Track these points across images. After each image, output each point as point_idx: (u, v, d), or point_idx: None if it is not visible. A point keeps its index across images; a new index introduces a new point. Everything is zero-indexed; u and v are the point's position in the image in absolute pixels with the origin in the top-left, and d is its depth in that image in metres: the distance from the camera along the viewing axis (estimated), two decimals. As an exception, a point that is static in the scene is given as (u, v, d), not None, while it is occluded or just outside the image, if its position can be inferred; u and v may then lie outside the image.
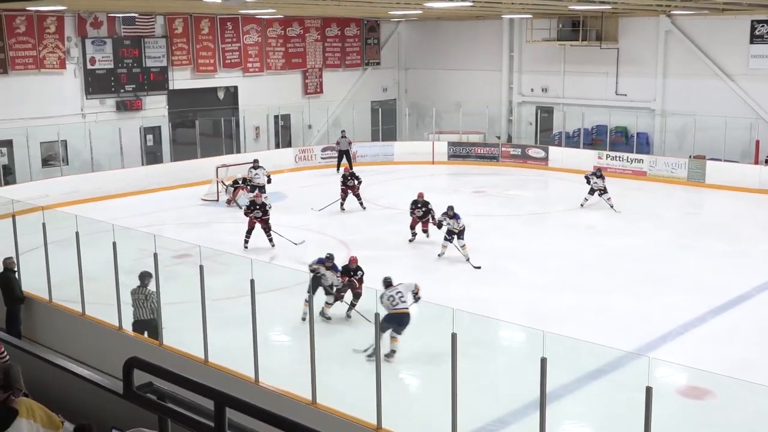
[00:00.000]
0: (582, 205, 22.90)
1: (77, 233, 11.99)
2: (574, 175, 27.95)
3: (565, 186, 27.00)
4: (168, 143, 27.78)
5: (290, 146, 30.88)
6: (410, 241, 19.14)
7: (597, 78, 30.30)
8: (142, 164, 26.60)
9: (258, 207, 18.77)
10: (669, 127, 28.53)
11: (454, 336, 8.17)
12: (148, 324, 11.85)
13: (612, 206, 22.38)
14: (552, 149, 29.84)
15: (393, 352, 11.92)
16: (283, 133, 31.20)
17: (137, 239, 13.72)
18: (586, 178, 23.03)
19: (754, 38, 26.56)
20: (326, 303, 13.71)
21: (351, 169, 28.25)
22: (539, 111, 32.20)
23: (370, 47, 34.77)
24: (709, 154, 26.70)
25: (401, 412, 10.02)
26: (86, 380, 5.56)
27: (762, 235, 19.97)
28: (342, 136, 29.11)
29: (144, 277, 11.93)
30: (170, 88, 28.04)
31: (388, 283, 12.63)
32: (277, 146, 30.44)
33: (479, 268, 17.22)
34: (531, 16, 30.35)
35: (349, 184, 22.42)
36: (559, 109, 31.51)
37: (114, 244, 11.54)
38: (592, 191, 22.75)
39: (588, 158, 28.35)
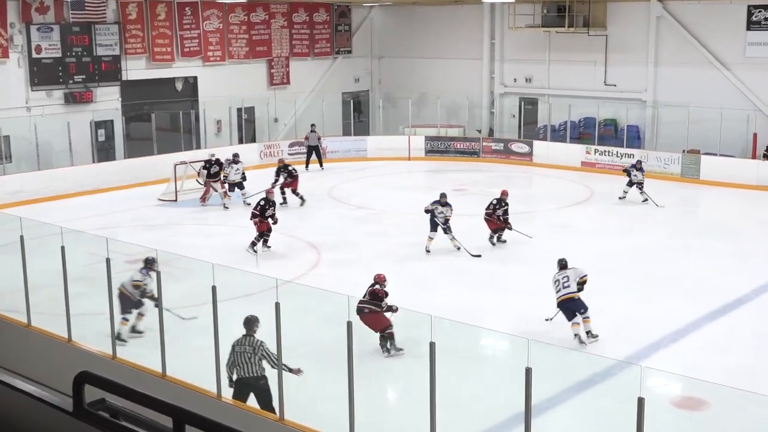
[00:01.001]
0: (621, 198, 23.44)
1: (22, 237, 11.86)
2: (560, 171, 28.16)
3: (551, 183, 27.16)
4: (121, 138, 27.57)
5: (255, 141, 30.77)
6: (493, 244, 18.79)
7: (584, 67, 30.49)
8: (93, 161, 26.39)
9: (273, 204, 18.59)
10: (661, 119, 28.78)
11: (432, 345, 8.17)
12: (256, 384, 10.09)
13: (647, 200, 22.85)
14: (537, 144, 29.99)
15: (593, 335, 12.96)
16: (246, 128, 31.09)
17: (88, 243, 13.62)
18: (626, 171, 23.62)
19: (751, 25, 26.85)
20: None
21: (321, 166, 28.35)
22: (523, 102, 32.35)
23: (340, 34, 34.74)
24: (704, 148, 26.97)
25: (376, 427, 10.02)
26: (32, 397, 5.50)
27: (761, 234, 20.21)
28: (311, 131, 29.06)
29: (251, 323, 10.25)
30: (123, 78, 27.82)
31: (563, 265, 13.75)
32: (241, 141, 30.33)
33: (479, 256, 17.74)
34: (514, 0, 30.51)
35: (284, 180, 22.49)
36: (544, 100, 31.67)
37: (63, 248, 11.43)
38: (631, 183, 23.27)
39: (575, 153, 28.56)
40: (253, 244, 18.38)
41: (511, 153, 30.29)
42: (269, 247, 18.62)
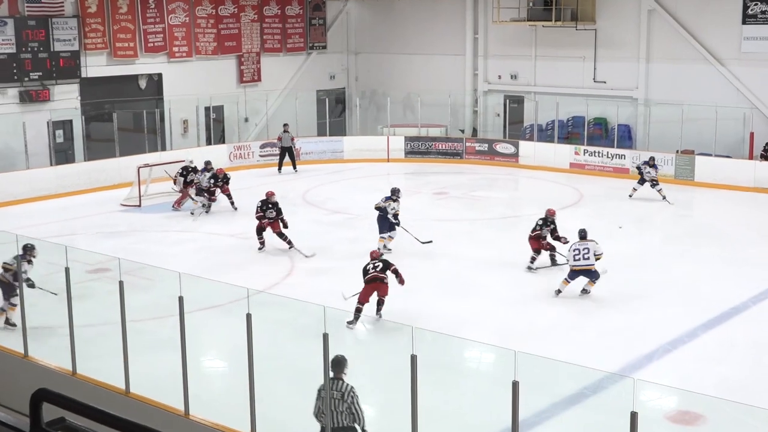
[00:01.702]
0: (630, 196, 23.99)
1: (-26, 245, 11.78)
2: (547, 173, 28.27)
3: (539, 185, 27.27)
4: (81, 140, 27.40)
5: (224, 143, 30.70)
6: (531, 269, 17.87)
7: (573, 63, 30.66)
8: (51, 164, 26.21)
9: (272, 206, 18.89)
10: (653, 118, 28.96)
11: (413, 357, 8.18)
12: None
13: (665, 197, 23.41)
14: (522, 144, 30.11)
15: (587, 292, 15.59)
16: (215, 128, 31.00)
17: (46, 251, 13.52)
18: (638, 168, 24.27)
19: (747, 18, 27.09)
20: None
21: (294, 168, 28.33)
22: (508, 101, 32.47)
23: (314, 29, 34.74)
24: (699, 148, 27.17)
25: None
26: (-14, 417, 5.45)
27: (758, 239, 20.36)
28: (284, 131, 29.04)
29: (340, 365, 9.27)
30: (83, 76, 27.66)
31: (582, 235, 15.76)
32: (209, 142, 30.24)
33: (430, 242, 18.67)
34: (498, -7, 30.68)
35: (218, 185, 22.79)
36: (530, 98, 31.80)
37: (18, 257, 11.34)
38: (642, 181, 23.86)
39: (563, 154, 28.71)
40: (260, 241, 19.05)
41: (495, 154, 30.38)
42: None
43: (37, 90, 26.56)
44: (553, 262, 17.95)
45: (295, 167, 28.52)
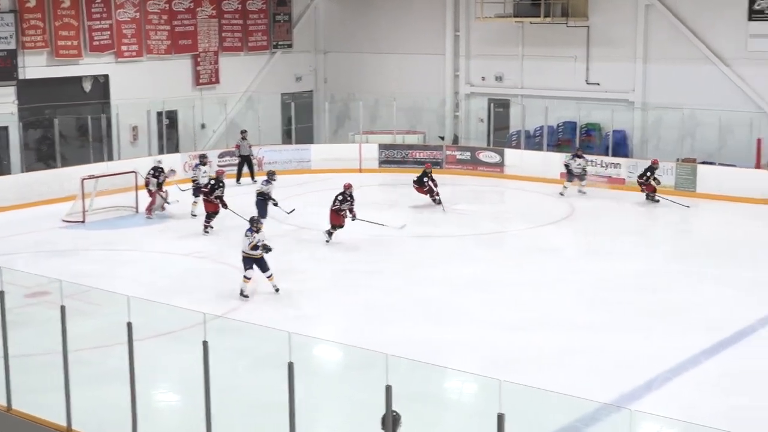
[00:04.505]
0: (561, 194, 24.80)
1: None
2: (535, 184, 28.39)
3: (526, 198, 27.36)
4: (18, 149, 27.26)
5: (178, 151, 30.60)
6: None
7: (563, 63, 30.84)
8: (-15, 176, 26.11)
9: (222, 185, 22.27)
10: (652, 123, 29.20)
11: (388, 388, 8.18)
12: None
13: (584, 193, 25.14)
14: (508, 152, 30.23)
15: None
16: (168, 135, 30.90)
17: (-22, 273, 13.40)
18: (566, 165, 25.57)
19: (754, 14, 27.36)
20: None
21: (253, 179, 28.31)
22: (492, 105, 32.62)
23: (279, 26, 34.78)
24: (701, 156, 27.38)
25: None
26: None
27: (765, 257, 20.52)
28: (242, 138, 29.02)
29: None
30: (20, 77, 27.57)
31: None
32: (161, 151, 30.11)
33: (293, 210, 22.47)
34: (480, -14, 30.87)
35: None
36: (516, 102, 31.95)
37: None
38: (571, 175, 25.18)
39: (553, 163, 28.79)
40: (205, 227, 22.20)
41: (479, 163, 30.49)
42: (212, 227, 22.28)
43: (-32, 93, 26.43)
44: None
45: (254, 178, 28.48)
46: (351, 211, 21.09)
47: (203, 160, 25.40)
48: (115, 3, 29.70)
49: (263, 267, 17.35)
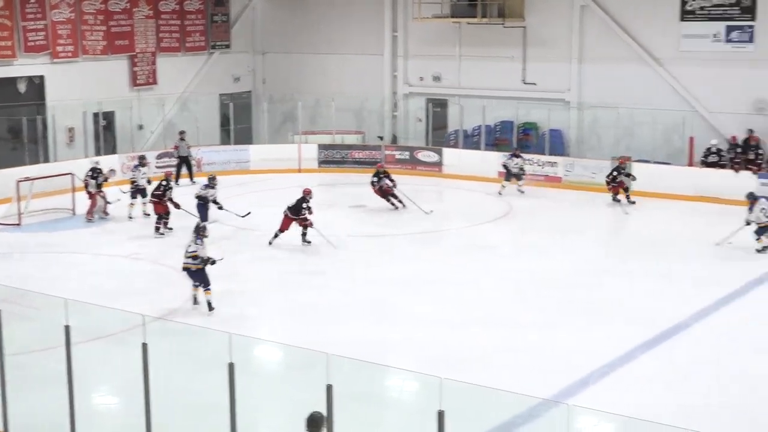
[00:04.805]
0: (500, 193, 25.67)
1: None
2: (473, 182, 28.56)
3: (464, 197, 27.52)
4: (-49, 151, 26.84)
5: (115, 152, 30.30)
6: None
7: (500, 63, 31.06)
8: None
9: (170, 186, 22.46)
10: (587, 122, 29.52)
11: (329, 388, 8.19)
12: None
13: (522, 192, 25.77)
14: (447, 151, 30.38)
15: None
16: (105, 136, 30.61)
17: None
18: (505, 165, 26.33)
19: (686, 15, 27.81)
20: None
21: (192, 180, 28.15)
22: (430, 105, 32.74)
23: (217, 26, 34.59)
24: (636, 154, 27.72)
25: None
26: None
27: (699, 252, 20.86)
28: (180, 139, 28.84)
29: (316, 424, 8.67)
30: (-47, 78, 27.16)
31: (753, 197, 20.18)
32: (98, 152, 29.80)
33: (249, 213, 22.61)
34: (418, -14, 30.96)
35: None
36: (454, 101, 32.12)
37: None
38: (509, 174, 25.98)
39: (491, 162, 28.98)
40: (157, 228, 22.17)
41: (417, 163, 30.60)
42: (170, 229, 22.18)
43: None
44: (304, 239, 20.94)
45: (192, 179, 28.33)
46: (309, 213, 20.82)
47: (142, 161, 25.16)
48: (50, 3, 29.32)
49: (203, 280, 16.47)
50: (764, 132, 26.48)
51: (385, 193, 24.71)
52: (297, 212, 20.69)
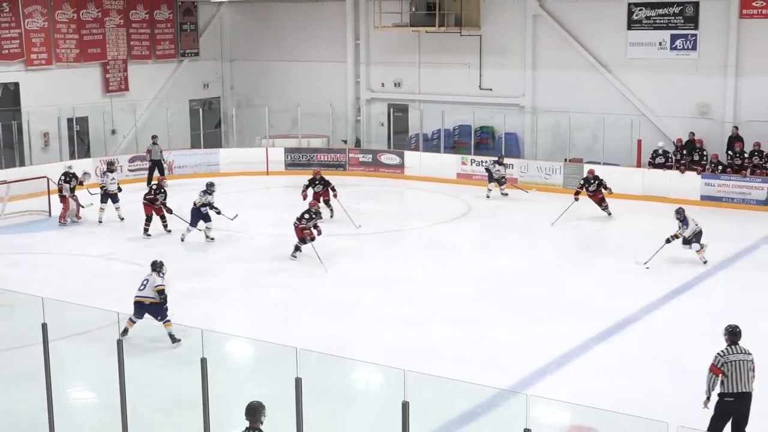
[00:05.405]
0: (488, 197, 26.16)
1: None
2: (433, 184, 28.64)
3: (424, 197, 27.57)
4: (-72, 156, 26.48)
5: (89, 156, 30.08)
6: None
7: (458, 70, 31.17)
8: None
9: (163, 190, 22.00)
10: (541, 126, 29.67)
11: (298, 381, 8.16)
12: None
13: (506, 194, 26.21)
14: (408, 154, 30.42)
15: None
16: (79, 141, 30.36)
17: None
18: (487, 169, 26.64)
19: (632, 24, 28.08)
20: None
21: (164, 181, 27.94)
22: (392, 109, 32.75)
23: (186, 34, 34.39)
24: (587, 156, 27.94)
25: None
26: None
27: (647, 248, 21.02)
28: (153, 143, 28.64)
29: (256, 412, 8.80)
30: (-70, 85, 26.78)
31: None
32: (73, 156, 29.57)
33: (236, 216, 21.94)
34: (379, -3, 30.97)
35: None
36: (414, 106, 32.18)
37: None
38: (492, 178, 26.25)
39: (450, 164, 29.13)
40: (146, 230, 21.80)
41: (380, 165, 30.61)
42: (169, 231, 22.03)
43: None
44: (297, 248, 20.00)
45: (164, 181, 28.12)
46: (316, 227, 19.83)
47: (110, 167, 24.59)
48: (23, 12, 29.00)
49: (161, 313, 14.56)
50: (707, 135, 26.77)
51: (317, 197, 23.34)
52: (301, 222, 19.79)
